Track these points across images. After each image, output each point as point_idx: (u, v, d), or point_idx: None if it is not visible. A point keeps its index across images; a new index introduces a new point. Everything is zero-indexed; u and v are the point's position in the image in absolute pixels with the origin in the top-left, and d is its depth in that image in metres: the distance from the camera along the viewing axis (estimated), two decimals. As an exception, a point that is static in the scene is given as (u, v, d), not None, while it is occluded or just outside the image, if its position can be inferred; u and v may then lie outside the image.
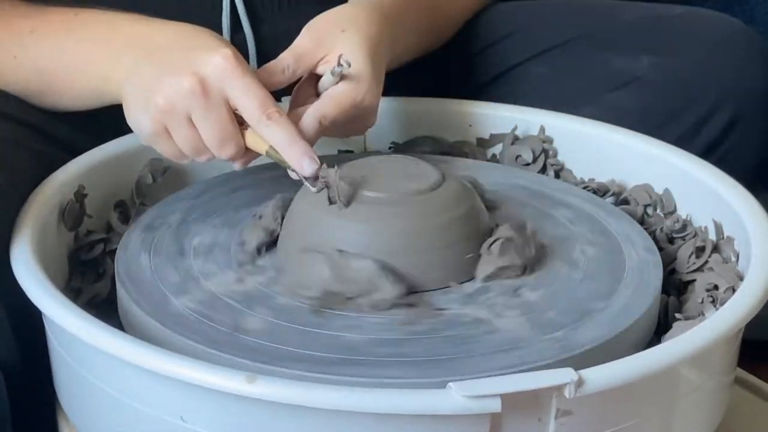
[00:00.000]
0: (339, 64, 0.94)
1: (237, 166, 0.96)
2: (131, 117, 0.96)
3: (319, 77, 1.00)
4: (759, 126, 1.13)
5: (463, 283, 0.91)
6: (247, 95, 0.92)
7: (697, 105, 1.12)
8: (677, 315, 0.92)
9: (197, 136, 0.94)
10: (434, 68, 1.21)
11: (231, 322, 0.86)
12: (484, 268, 0.91)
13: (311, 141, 0.94)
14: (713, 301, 0.93)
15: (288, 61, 0.98)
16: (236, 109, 0.93)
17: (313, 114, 0.95)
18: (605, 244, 0.96)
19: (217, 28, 1.11)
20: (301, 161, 0.92)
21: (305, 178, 0.91)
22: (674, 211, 1.05)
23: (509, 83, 1.19)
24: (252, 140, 0.94)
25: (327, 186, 0.91)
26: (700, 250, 0.99)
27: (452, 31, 1.21)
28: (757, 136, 1.13)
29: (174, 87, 0.93)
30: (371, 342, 0.83)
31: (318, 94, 0.99)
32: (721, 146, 1.08)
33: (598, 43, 1.17)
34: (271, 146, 0.93)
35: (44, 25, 1.04)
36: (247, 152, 0.95)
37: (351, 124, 1.00)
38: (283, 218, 0.95)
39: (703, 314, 0.92)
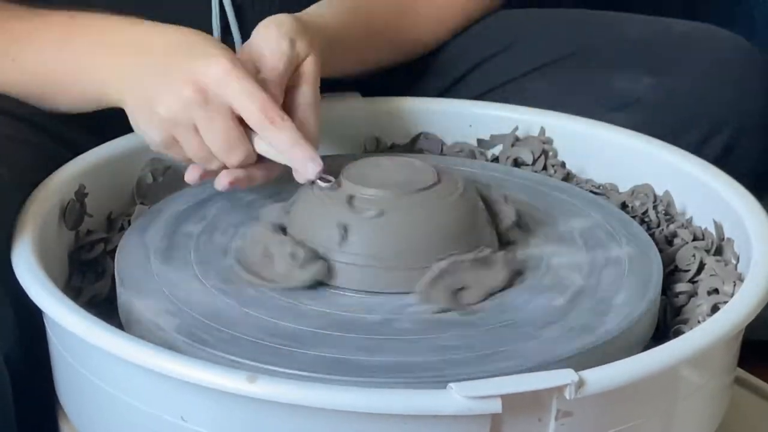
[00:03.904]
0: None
1: (259, 179, 0.96)
2: (138, 128, 0.97)
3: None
4: (758, 146, 1.12)
5: None
6: (247, 100, 0.92)
7: (696, 127, 1.11)
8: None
9: (204, 144, 0.94)
10: (428, 78, 1.21)
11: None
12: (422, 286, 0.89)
13: (317, 135, 0.95)
14: (713, 304, 0.92)
15: (247, 64, 0.97)
16: (240, 115, 0.94)
17: (310, 104, 0.97)
18: (607, 270, 0.93)
19: (207, 31, 1.11)
20: (304, 165, 0.92)
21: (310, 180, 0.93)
22: (674, 212, 1.05)
23: (505, 97, 1.17)
24: (261, 145, 0.94)
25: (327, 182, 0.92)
26: (700, 252, 0.99)
27: (422, 50, 1.20)
28: (756, 155, 1.12)
29: (175, 97, 0.93)
30: (249, 317, 0.86)
31: None
32: (722, 167, 1.06)
33: (597, 60, 1.15)
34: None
35: (42, 28, 1.04)
36: (264, 164, 0.95)
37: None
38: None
39: (702, 317, 0.92)
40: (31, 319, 0.90)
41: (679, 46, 1.15)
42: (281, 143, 0.93)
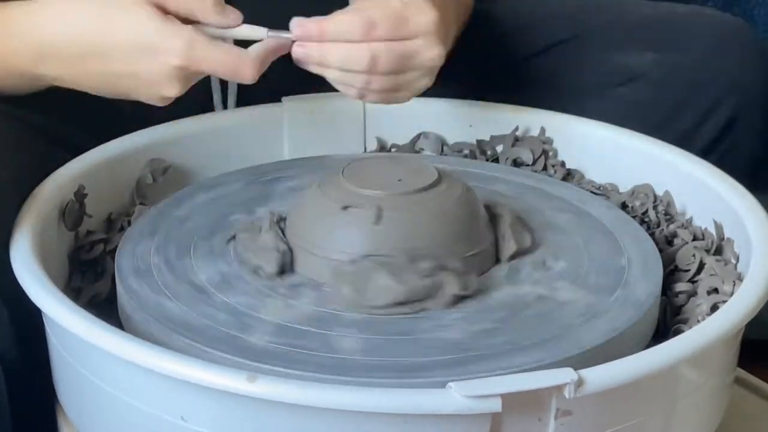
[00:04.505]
0: None
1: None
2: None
3: None
4: (759, 119, 1.15)
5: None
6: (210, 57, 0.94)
7: (699, 100, 1.14)
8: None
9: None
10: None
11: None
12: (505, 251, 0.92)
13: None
14: (713, 304, 0.92)
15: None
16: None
17: (357, 14, 0.96)
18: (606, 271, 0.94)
19: None
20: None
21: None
22: (674, 212, 1.05)
23: (514, 77, 1.19)
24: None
25: None
26: (700, 252, 0.99)
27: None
28: (757, 128, 1.15)
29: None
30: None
31: None
32: (724, 140, 1.09)
33: (604, 39, 1.18)
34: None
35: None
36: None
37: (401, 75, 0.98)
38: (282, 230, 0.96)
39: (702, 316, 0.92)
40: (30, 319, 0.90)
41: (682, 25, 1.18)
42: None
